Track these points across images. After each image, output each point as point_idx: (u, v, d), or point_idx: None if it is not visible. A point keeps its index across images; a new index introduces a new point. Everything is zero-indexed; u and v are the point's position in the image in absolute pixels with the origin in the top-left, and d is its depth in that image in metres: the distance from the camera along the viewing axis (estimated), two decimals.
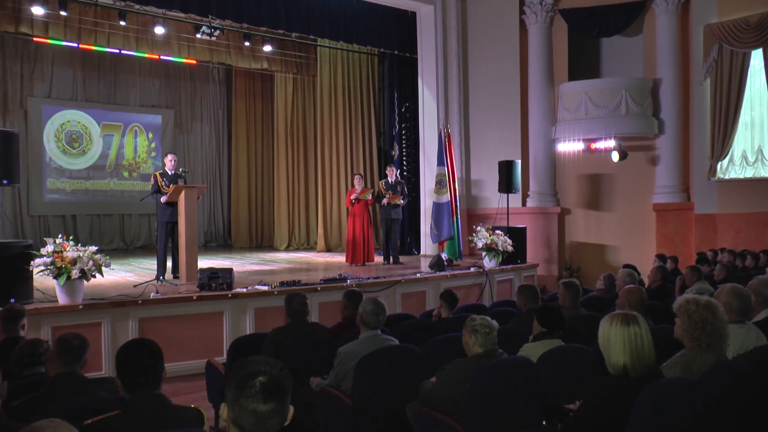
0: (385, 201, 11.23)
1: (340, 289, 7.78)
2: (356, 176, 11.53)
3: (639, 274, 7.41)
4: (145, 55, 14.21)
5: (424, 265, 10.62)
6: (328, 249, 14.96)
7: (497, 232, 10.58)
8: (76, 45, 13.07)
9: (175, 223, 8.92)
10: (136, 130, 16.09)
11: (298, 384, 4.32)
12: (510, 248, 10.54)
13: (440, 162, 11.82)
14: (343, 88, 15.17)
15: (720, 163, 12.07)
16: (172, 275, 9.07)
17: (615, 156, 12.27)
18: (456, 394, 3.63)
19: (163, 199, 8.86)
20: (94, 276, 6.58)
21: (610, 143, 12.37)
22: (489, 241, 10.38)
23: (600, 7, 12.80)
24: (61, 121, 14.98)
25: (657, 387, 2.90)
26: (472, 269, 10.28)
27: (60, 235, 6.62)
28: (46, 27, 12.12)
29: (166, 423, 2.70)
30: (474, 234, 10.66)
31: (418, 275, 9.46)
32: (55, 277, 6.37)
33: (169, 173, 9.16)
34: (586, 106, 12.69)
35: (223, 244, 17.31)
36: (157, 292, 7.35)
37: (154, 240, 9.90)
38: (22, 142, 11.71)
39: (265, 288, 7.75)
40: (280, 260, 12.94)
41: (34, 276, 6.64)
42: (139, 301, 6.93)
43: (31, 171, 14.29)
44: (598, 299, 6.84)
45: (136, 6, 11.11)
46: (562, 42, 13.28)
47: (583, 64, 13.61)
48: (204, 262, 9.98)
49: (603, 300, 6.78)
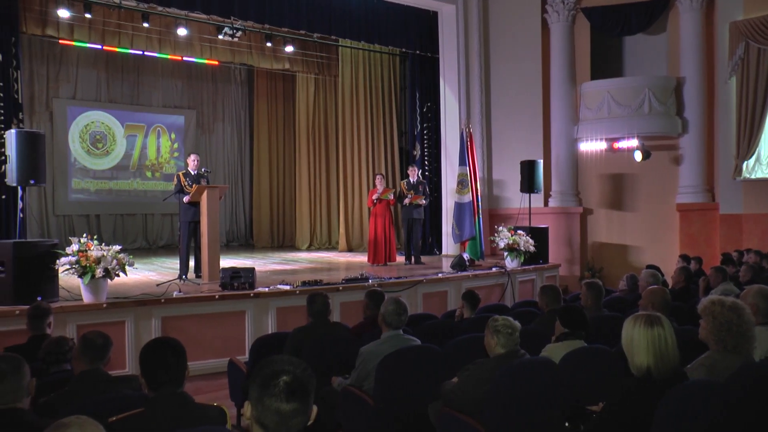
0: (406, 201, 11.22)
1: (361, 289, 7.78)
2: (378, 176, 11.54)
3: (662, 274, 7.32)
4: (168, 57, 14.36)
5: (446, 265, 10.60)
6: (350, 249, 14.99)
7: (519, 232, 10.53)
8: (100, 47, 13.27)
9: (197, 223, 8.98)
10: (158, 130, 16.24)
11: (320, 383, 4.32)
12: (532, 248, 10.48)
13: (462, 162, 11.78)
14: (364, 88, 15.20)
15: (746, 162, 11.90)
16: (194, 274, 9.12)
17: (638, 155, 12.15)
18: (478, 394, 3.62)
19: (185, 198, 8.93)
20: (118, 275, 6.64)
21: (633, 143, 12.26)
22: (511, 241, 10.33)
23: (623, 5, 12.68)
24: (86, 122, 15.18)
25: (681, 389, 2.87)
26: (493, 269, 10.24)
27: (84, 235, 6.68)
28: (72, 29, 12.28)
29: (190, 421, 2.72)
30: (496, 234, 10.62)
31: (440, 275, 9.43)
32: (79, 276, 6.44)
33: (192, 173, 9.24)
34: (609, 106, 12.58)
35: (245, 243, 17.41)
36: (179, 291, 7.40)
37: (177, 239, 10.01)
38: (48, 142, 11.89)
39: (287, 287, 7.77)
40: (301, 260, 12.98)
41: (59, 274, 6.72)
42: (162, 300, 6.99)
43: (57, 171, 14.51)
44: (620, 300, 6.78)
45: (159, 8, 11.22)
46: (585, 41, 13.17)
47: (606, 63, 13.50)
48: (226, 262, 10.05)
49: (626, 301, 6.71)
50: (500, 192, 13.40)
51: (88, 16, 11.31)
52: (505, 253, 10.47)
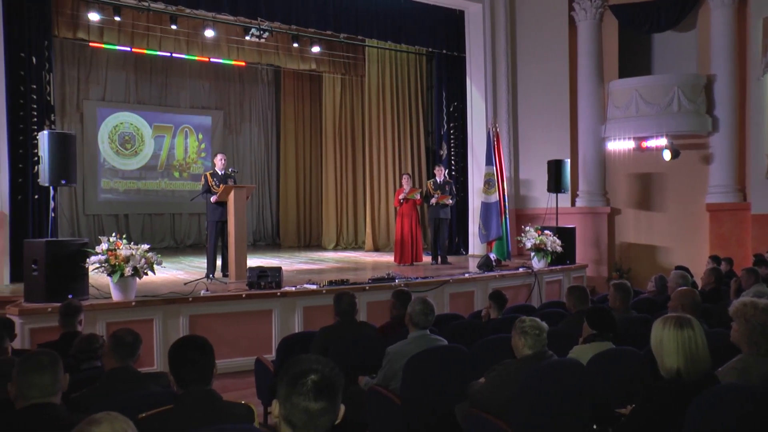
0: (433, 201, 11.20)
1: (388, 289, 7.80)
2: (404, 176, 11.53)
3: (692, 276, 7.22)
4: (195, 58, 14.49)
5: (473, 265, 10.56)
6: (376, 249, 15.01)
7: (546, 232, 10.45)
8: (129, 49, 13.45)
9: (224, 222, 9.05)
10: (186, 131, 16.41)
11: (347, 383, 4.32)
12: (559, 249, 10.41)
13: (489, 161, 11.74)
14: (391, 87, 15.21)
15: None
16: (221, 273, 9.20)
17: (667, 155, 12.00)
18: (505, 395, 3.60)
19: (213, 198, 9.01)
20: (146, 274, 6.72)
21: (662, 141, 12.11)
22: (538, 242, 10.27)
23: (651, 2, 12.54)
24: (115, 123, 15.39)
25: (712, 392, 2.83)
26: (520, 270, 10.18)
27: (113, 234, 6.77)
28: (102, 32, 12.46)
29: (218, 418, 2.76)
30: (522, 234, 10.56)
31: (467, 275, 9.41)
32: (109, 275, 6.53)
33: (219, 173, 9.30)
34: (637, 104, 12.44)
35: (272, 243, 17.51)
36: (207, 290, 7.46)
37: (204, 239, 10.08)
38: (78, 143, 12.01)
39: (314, 287, 7.80)
40: (328, 259, 13.02)
41: (89, 273, 6.82)
42: (190, 299, 7.05)
43: (87, 171, 14.74)
44: (649, 301, 6.69)
45: (187, 10, 11.32)
46: (612, 38, 13.04)
47: (634, 61, 13.34)
48: (253, 261, 10.11)
49: (654, 302, 6.62)
50: (527, 192, 13.32)
51: (117, 19, 11.44)
52: (532, 254, 10.41)
